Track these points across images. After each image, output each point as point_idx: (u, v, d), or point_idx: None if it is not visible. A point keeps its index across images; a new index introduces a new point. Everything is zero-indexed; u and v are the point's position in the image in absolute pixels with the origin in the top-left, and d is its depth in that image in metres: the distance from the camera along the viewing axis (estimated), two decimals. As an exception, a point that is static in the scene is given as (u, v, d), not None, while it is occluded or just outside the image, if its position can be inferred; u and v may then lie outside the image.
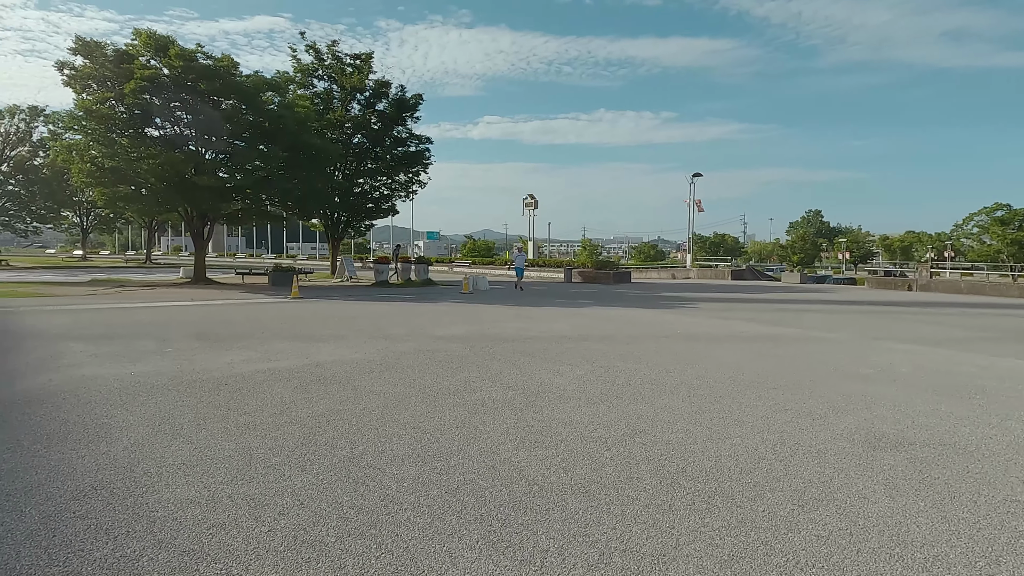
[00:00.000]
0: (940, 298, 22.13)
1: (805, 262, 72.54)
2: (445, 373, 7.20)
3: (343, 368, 7.42)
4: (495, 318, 13.36)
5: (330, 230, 29.35)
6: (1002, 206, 54.27)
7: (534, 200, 40.67)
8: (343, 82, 27.57)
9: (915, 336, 11.18)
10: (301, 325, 11.69)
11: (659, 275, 40.97)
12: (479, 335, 10.48)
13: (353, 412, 5.42)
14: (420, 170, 29.67)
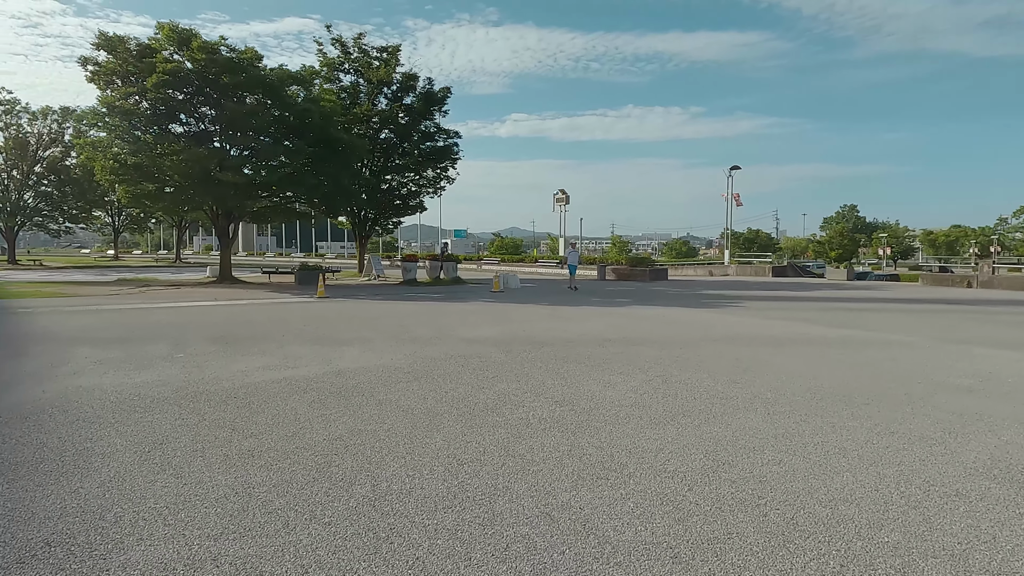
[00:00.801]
0: (1007, 296, 20.62)
1: (843, 258, 70.09)
2: (480, 383, 6.36)
3: (367, 377, 6.63)
4: (530, 318, 12.49)
5: (357, 228, 28.77)
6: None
7: (565, 195, 39.63)
8: (369, 76, 26.94)
9: (1000, 339, 10.01)
10: (325, 326, 10.97)
11: (696, 272, 39.65)
12: (514, 337, 9.63)
13: (376, 434, 4.61)
14: (448, 165, 28.93)
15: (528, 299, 17.44)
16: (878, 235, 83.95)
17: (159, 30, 20.43)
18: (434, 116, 28.16)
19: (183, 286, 21.61)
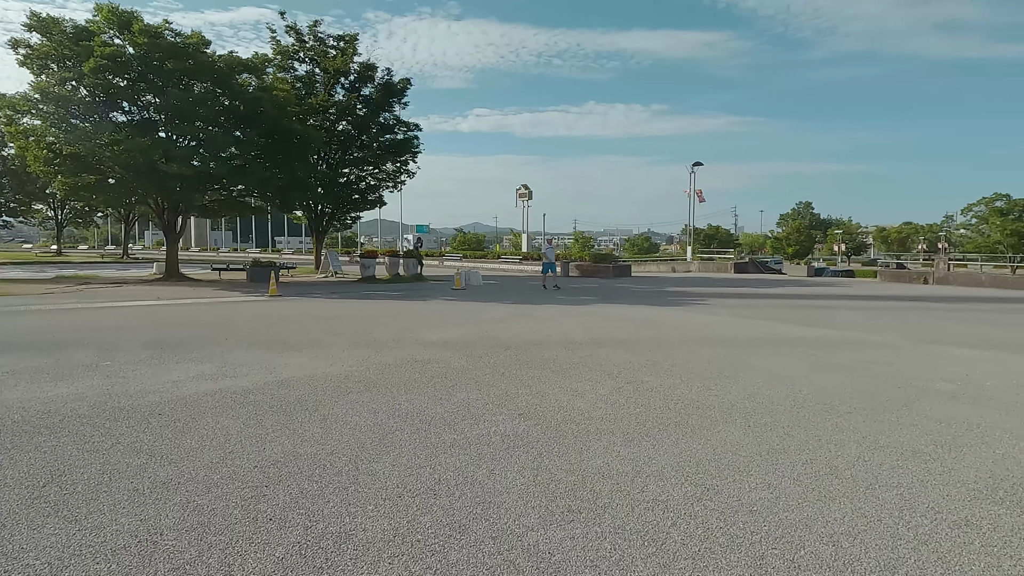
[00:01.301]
0: (965, 292, 20.98)
1: (800, 254, 71.61)
2: (438, 394, 5.84)
3: (314, 387, 6.04)
4: (493, 318, 12.00)
5: (313, 223, 27.76)
6: (1001, 196, 53.48)
7: (528, 191, 39.14)
8: (326, 65, 25.98)
9: (972, 338, 9.92)
10: (274, 328, 10.28)
11: (659, 268, 39.70)
12: (477, 340, 9.12)
13: (317, 458, 4.05)
14: (409, 159, 28.14)
15: (491, 297, 16.93)
16: (833, 231, 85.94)
17: (97, 12, 19.20)
18: (394, 108, 27.36)
19: (126, 284, 20.45)
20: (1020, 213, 52.40)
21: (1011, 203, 52.71)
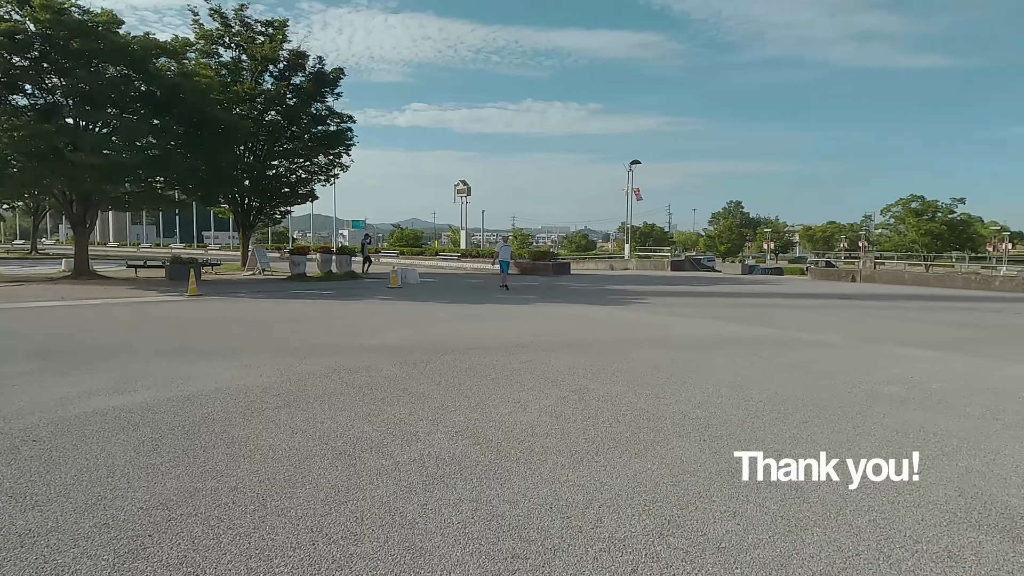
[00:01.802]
0: (892, 290, 21.72)
1: (732, 252, 73.76)
2: (366, 408, 5.27)
3: (224, 404, 5.36)
4: (429, 319, 11.43)
5: (240, 217, 26.32)
6: (916, 197, 56.30)
7: (466, 187, 38.46)
8: (253, 52, 24.62)
9: (910, 337, 10.03)
10: (188, 333, 9.42)
11: (597, 266, 39.82)
12: (413, 344, 8.56)
13: (217, 496, 3.44)
14: (342, 152, 27.06)
15: (428, 296, 16.32)
16: (762, 230, 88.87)
17: (-8, -17, 17.45)
18: (326, 98, 26.21)
19: (28, 283, 18.76)
20: (933, 214, 55.38)
21: (925, 204, 55.58)
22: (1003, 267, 51.26)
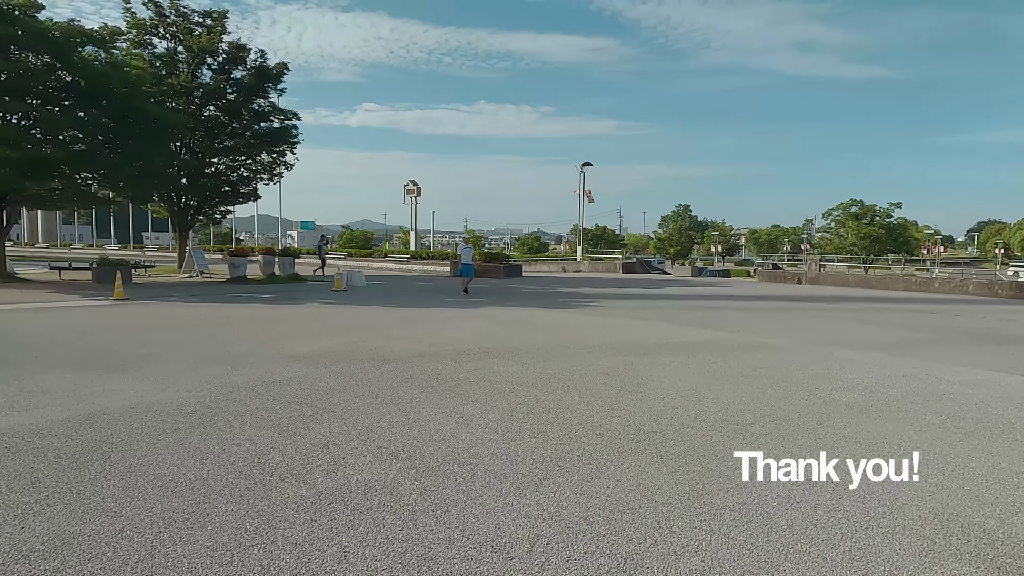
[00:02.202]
0: (836, 292, 22.09)
1: (681, 254, 74.99)
2: (294, 426, 4.74)
3: (130, 423, 4.75)
4: (373, 324, 10.87)
5: (176, 217, 24.98)
6: (856, 202, 58.44)
7: (416, 187, 37.69)
8: (190, 43, 23.41)
9: (858, 340, 10.00)
10: (105, 341, 8.63)
11: (549, 268, 39.66)
12: (352, 351, 8.01)
13: (96, 543, 2.89)
14: (286, 149, 26.06)
15: (374, 299, 15.69)
16: (710, 233, 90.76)
17: None
18: (269, 94, 25.19)
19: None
20: (872, 218, 57.55)
21: (864, 208, 57.74)
22: (936, 269, 53.50)
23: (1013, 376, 7.14)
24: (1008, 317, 14.26)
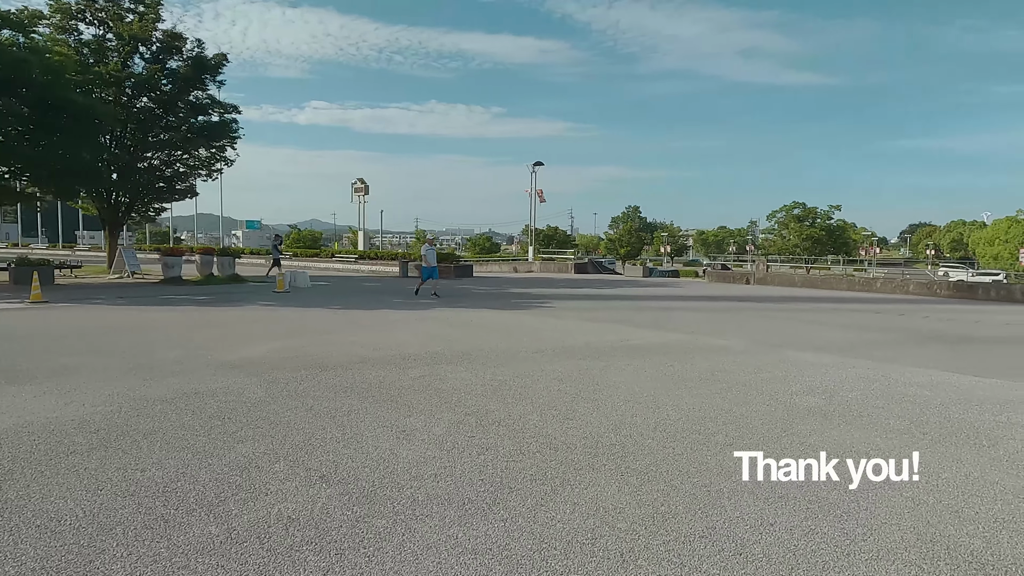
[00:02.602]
0: (784, 292, 22.34)
1: (632, 255, 75.74)
2: (212, 446, 4.20)
3: (17, 446, 4.12)
4: (314, 327, 10.25)
5: (106, 214, 23.51)
6: (799, 204, 60.16)
7: (364, 185, 36.74)
8: (121, 30, 22.11)
9: (810, 341, 9.93)
10: (11, 349, 7.81)
11: (501, 268, 39.28)
12: (289, 358, 7.44)
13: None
14: (226, 144, 24.92)
15: (317, 301, 14.98)
16: (659, 234, 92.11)
17: None
18: (207, 86, 24.07)
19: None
20: (813, 220, 59.34)
21: (806, 211, 59.50)
22: (873, 270, 55.55)
23: (966, 377, 7.10)
24: (949, 316, 14.60)
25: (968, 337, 10.93)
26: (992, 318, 14.68)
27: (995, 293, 20.86)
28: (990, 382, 6.85)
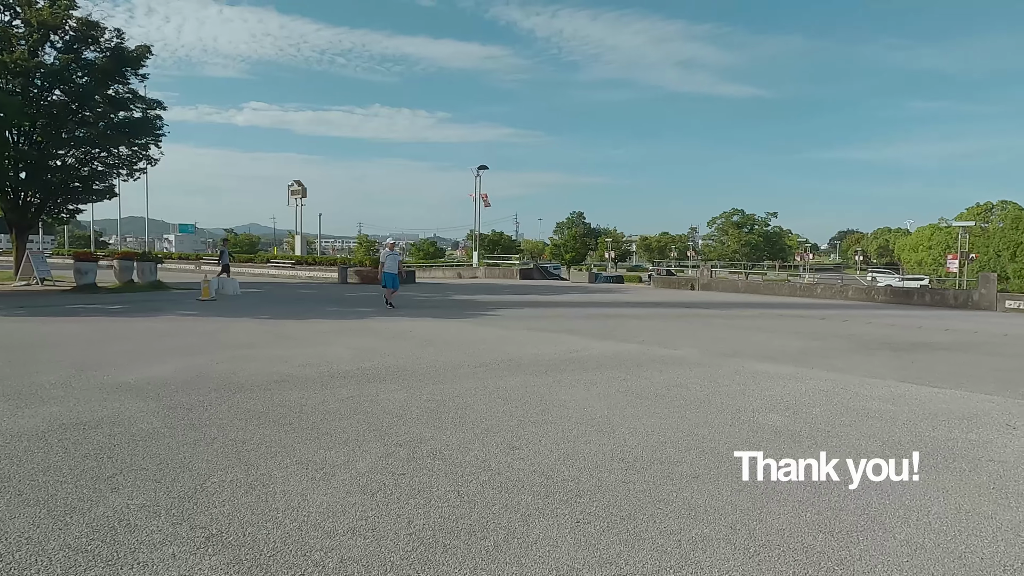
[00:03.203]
0: (729, 298, 22.38)
1: (577, 260, 76.08)
2: (75, 498, 3.40)
3: None
4: (236, 340, 9.33)
5: (12, 216, 21.48)
6: (737, 211, 61.67)
7: (302, 187, 35.25)
8: (29, 16, 20.35)
9: (765, 350, 9.62)
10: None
11: (445, 274, 38.48)
12: (197, 376, 6.57)
13: None
14: (150, 142, 23.32)
15: (245, 310, 13.93)
16: (603, 240, 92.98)
17: None
18: (128, 80, 22.44)
19: None
20: (751, 226, 60.89)
21: (745, 217, 61.03)
22: (807, 275, 57.27)
23: (924, 388, 6.87)
24: (891, 322, 14.75)
25: (914, 344, 10.90)
26: (931, 323, 14.91)
27: (929, 298, 21.49)
28: (949, 393, 6.63)
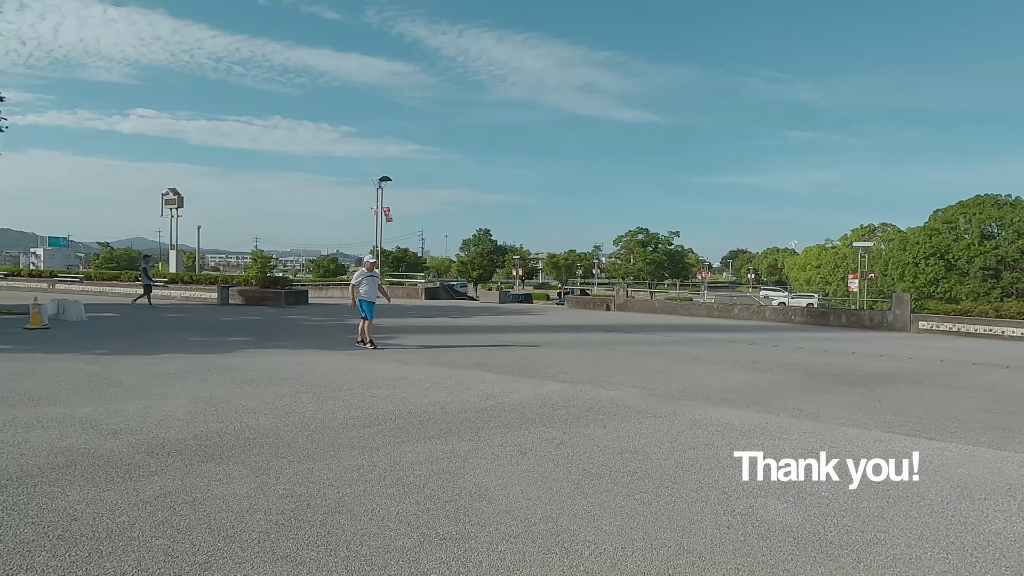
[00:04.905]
0: (649, 319, 21.32)
1: (484, 278, 74.66)
2: None
3: None
4: (34, 391, 6.91)
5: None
6: (642, 230, 62.53)
7: (177, 196, 31.43)
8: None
9: (713, 389, 8.25)
10: None
11: (343, 293, 35.73)
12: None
13: None
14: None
15: (79, 343, 11.17)
16: (511, 257, 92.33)
17: None
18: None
19: None
20: (656, 245, 61.90)
21: (649, 236, 61.96)
22: (705, 292, 58.82)
23: (921, 440, 5.71)
24: (823, 347, 14.06)
25: (867, 375, 9.88)
26: (861, 347, 14.37)
27: (845, 319, 21.49)
28: (956, 449, 5.50)
